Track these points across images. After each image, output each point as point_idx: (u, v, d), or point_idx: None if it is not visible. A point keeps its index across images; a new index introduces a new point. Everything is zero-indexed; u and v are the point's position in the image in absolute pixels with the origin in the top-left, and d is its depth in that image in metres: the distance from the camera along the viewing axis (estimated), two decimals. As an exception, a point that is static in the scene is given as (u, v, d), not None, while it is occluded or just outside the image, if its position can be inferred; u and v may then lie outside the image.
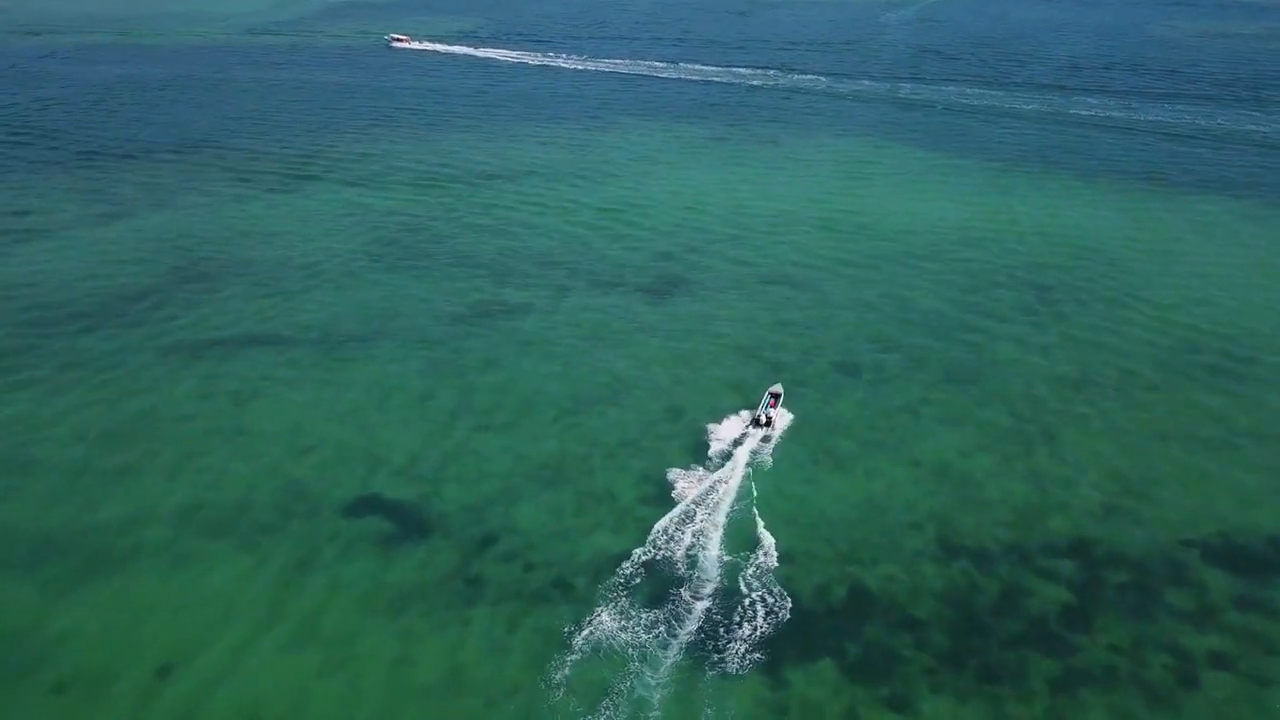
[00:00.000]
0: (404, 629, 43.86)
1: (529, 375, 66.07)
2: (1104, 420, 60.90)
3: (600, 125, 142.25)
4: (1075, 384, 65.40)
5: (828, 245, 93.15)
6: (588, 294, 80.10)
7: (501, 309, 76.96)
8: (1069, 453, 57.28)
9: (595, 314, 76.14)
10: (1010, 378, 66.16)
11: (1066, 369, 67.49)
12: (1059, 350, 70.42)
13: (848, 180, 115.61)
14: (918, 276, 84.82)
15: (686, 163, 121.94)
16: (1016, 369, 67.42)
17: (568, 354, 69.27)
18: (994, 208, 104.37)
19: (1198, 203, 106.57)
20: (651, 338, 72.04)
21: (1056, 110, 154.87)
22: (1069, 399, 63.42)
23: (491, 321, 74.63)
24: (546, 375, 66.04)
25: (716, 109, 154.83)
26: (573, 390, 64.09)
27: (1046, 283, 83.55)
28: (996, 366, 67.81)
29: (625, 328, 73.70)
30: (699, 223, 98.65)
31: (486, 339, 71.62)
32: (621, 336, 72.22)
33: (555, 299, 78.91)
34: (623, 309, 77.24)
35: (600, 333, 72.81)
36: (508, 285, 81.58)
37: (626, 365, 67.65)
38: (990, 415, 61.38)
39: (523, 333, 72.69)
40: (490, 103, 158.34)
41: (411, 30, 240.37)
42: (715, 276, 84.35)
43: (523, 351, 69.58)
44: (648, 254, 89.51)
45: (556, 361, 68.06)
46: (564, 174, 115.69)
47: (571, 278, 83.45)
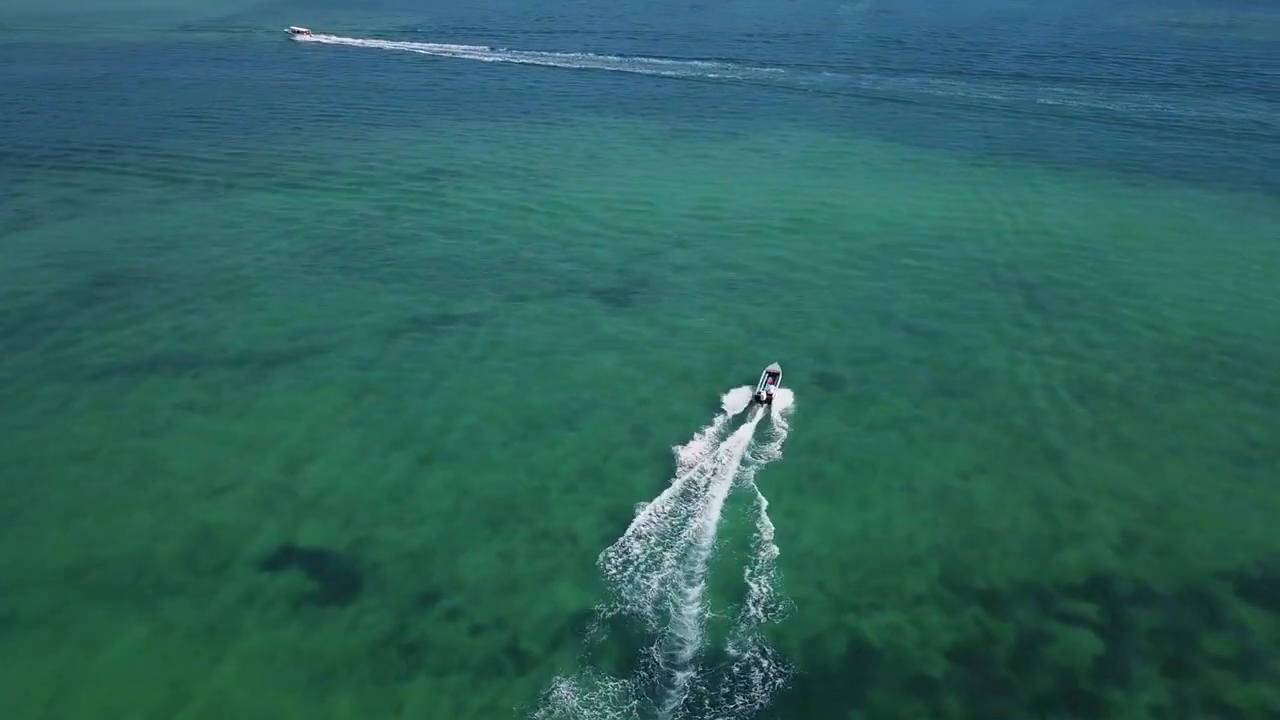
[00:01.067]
0: (328, 713, 37.13)
1: (475, 398, 59.42)
2: (1111, 435, 55.65)
3: (553, 121, 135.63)
4: (1076, 394, 60.16)
5: (798, 244, 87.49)
6: (541, 303, 73.59)
7: (445, 322, 70.15)
8: (1078, 473, 51.88)
9: (549, 325, 69.66)
10: (1005, 388, 60.77)
11: (1065, 377, 62.27)
12: (1054, 356, 65.22)
13: (815, 174, 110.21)
14: (897, 277, 79.40)
15: (645, 159, 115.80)
16: (1011, 378, 62.07)
17: (519, 372, 62.71)
18: (970, 202, 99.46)
19: (1176, 194, 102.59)
20: (612, 351, 65.74)
21: (1023, 100, 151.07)
22: (1071, 411, 58.13)
23: (434, 336, 67.81)
24: (495, 397, 59.42)
25: (674, 103, 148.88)
26: (525, 413, 57.56)
27: (1032, 281, 78.53)
28: (989, 375, 62.41)
29: (583, 340, 67.31)
30: (660, 222, 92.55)
31: (428, 357, 64.82)
32: (579, 350, 65.82)
33: (505, 309, 72.29)
34: (580, 319, 70.84)
35: (555, 346, 66.35)
36: (452, 295, 74.78)
37: (585, 383, 61.30)
38: (988, 431, 55.88)
39: (469, 349, 65.96)
40: (436, 99, 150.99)
41: (355, 26, 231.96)
42: (679, 280, 78.26)
43: (469, 370, 62.88)
44: (606, 257, 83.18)
45: (506, 381, 61.45)
46: (514, 173, 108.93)
47: (523, 285, 76.86)
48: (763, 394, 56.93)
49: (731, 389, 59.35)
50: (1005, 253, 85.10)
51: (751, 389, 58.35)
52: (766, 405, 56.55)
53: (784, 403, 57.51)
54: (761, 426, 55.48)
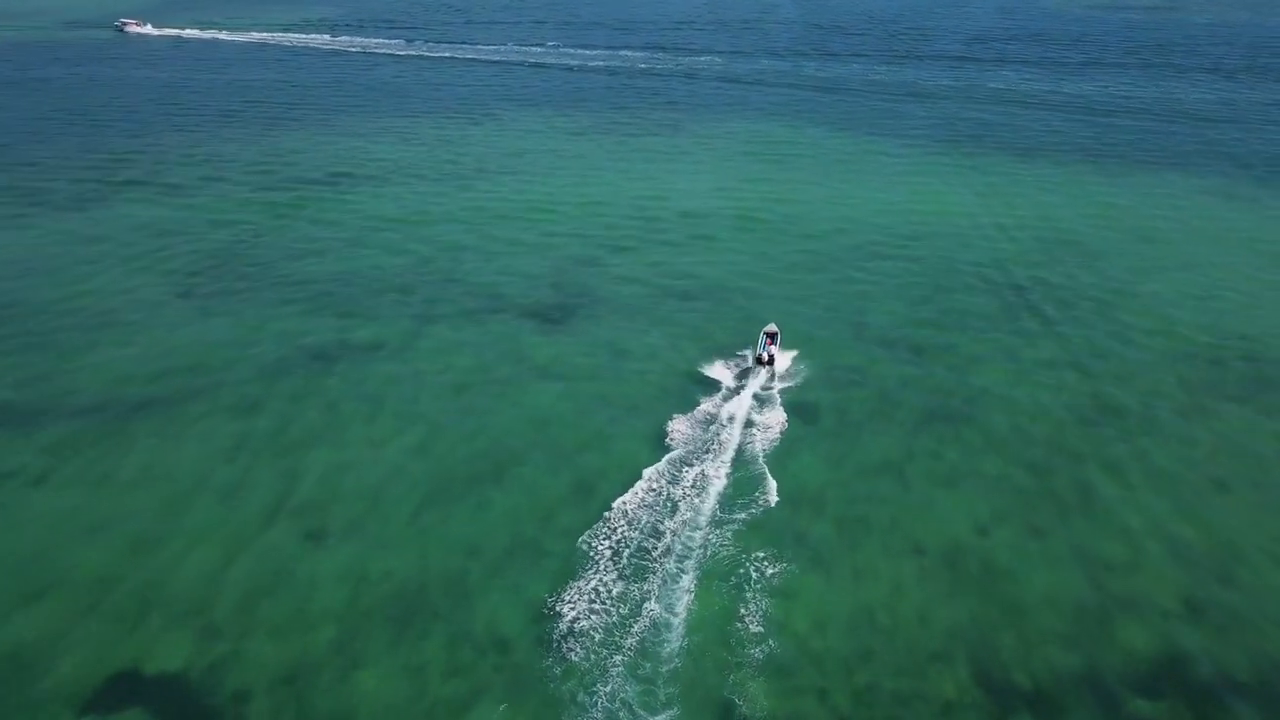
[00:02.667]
0: None
1: (378, 450, 48.84)
2: (1143, 464, 47.23)
3: (473, 117, 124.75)
4: (1093, 414, 51.73)
5: (753, 245, 78.26)
6: (459, 326, 63.13)
7: (345, 352, 59.32)
8: (1115, 518, 43.27)
9: (470, 353, 59.25)
10: (1010, 412, 52.07)
11: (1076, 394, 53.85)
12: (1059, 369, 56.83)
13: (764, 167, 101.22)
14: (867, 281, 70.57)
15: (576, 156, 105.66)
16: (1014, 399, 53.43)
17: (433, 415, 52.24)
18: (938, 194, 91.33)
19: (1153, 179, 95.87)
20: (546, 383, 55.64)
21: (973, 84, 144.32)
22: (1091, 436, 49.62)
23: (331, 371, 56.97)
24: (403, 449, 48.91)
25: (605, 95, 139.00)
26: (440, 469, 47.18)
27: (1019, 281, 70.33)
28: (989, 397, 53.68)
29: (510, 370, 57.08)
30: (596, 226, 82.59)
31: (323, 397, 53.99)
32: (505, 383, 55.58)
33: (416, 335, 61.69)
34: (506, 343, 60.58)
35: (477, 379, 56.01)
36: (355, 318, 63.93)
37: (514, 425, 51.11)
38: (998, 467, 47.04)
39: (371, 386, 55.28)
40: (346, 95, 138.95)
41: (266, 20, 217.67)
42: (621, 292, 68.41)
43: (370, 414, 52.22)
44: (536, 267, 72.95)
45: (417, 427, 50.95)
46: (431, 174, 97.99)
47: (438, 304, 66.30)
48: (763, 355, 55.50)
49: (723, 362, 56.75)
50: (983, 249, 76.90)
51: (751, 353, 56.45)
52: (769, 367, 55.18)
53: (784, 364, 56.01)
54: (738, 470, 45.99)
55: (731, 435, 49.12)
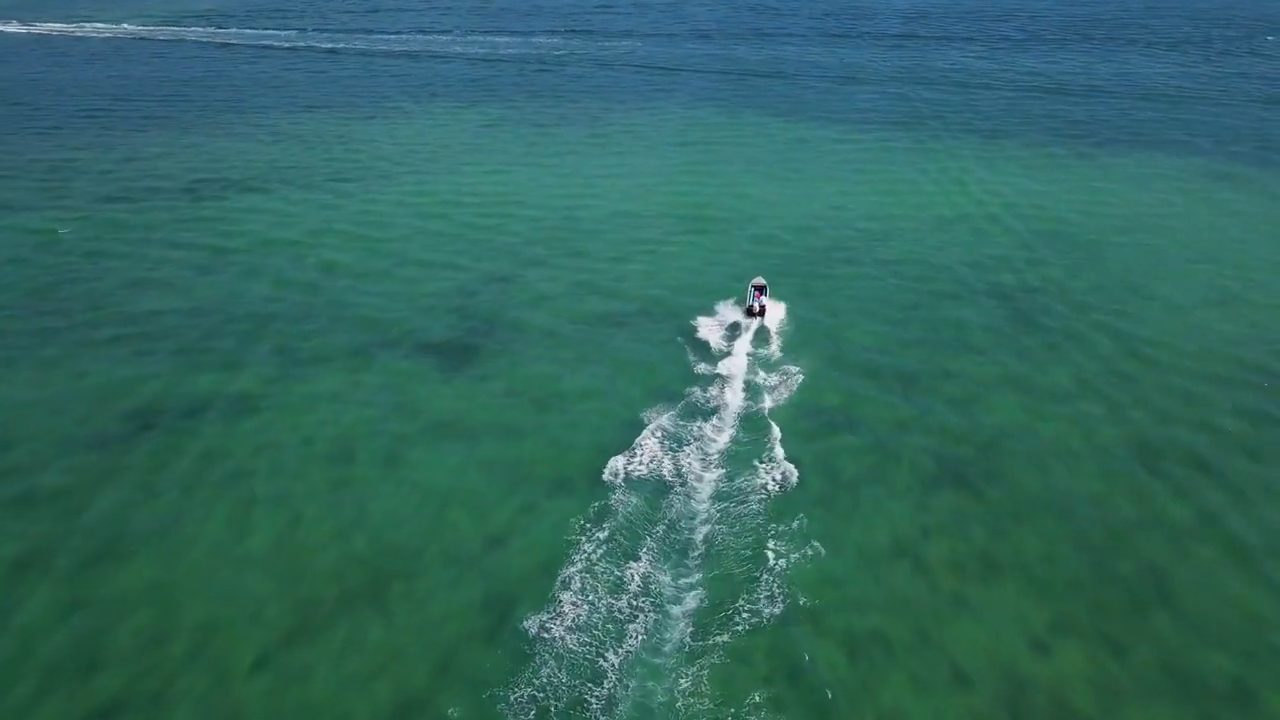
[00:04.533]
0: None
1: (215, 561, 36.27)
2: (1222, 538, 36.99)
3: (368, 112, 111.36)
4: (1138, 462, 41.53)
5: (698, 252, 67.04)
6: (338, 369, 50.61)
7: (186, 412, 46.40)
8: (1206, 620, 32.90)
9: (350, 407, 46.85)
10: (1037, 463, 41.56)
11: (1110, 434, 43.61)
12: (1081, 400, 46.61)
13: (702, 158, 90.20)
14: (837, 293, 59.81)
15: (487, 154, 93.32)
16: (1038, 443, 42.98)
17: (294, 500, 39.81)
18: (903, 184, 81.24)
19: (1136, 160, 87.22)
20: (445, 444, 43.57)
21: (918, 63, 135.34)
22: (1144, 494, 39.36)
23: (163, 439, 44.03)
24: (247, 558, 36.39)
25: (520, 84, 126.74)
26: (299, 586, 34.88)
27: (1012, 286, 60.28)
28: (1008, 443, 43.12)
29: (400, 429, 44.85)
30: (511, 234, 70.54)
31: (146, 479, 41.13)
32: (394, 448, 43.35)
33: (282, 384, 49.03)
34: (397, 391, 48.32)
35: (357, 445, 43.66)
36: (204, 365, 50.95)
37: (403, 510, 39.01)
38: (1039, 546, 36.44)
39: (216, 460, 42.53)
40: (226, 92, 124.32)
41: (143, 12, 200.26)
42: (542, 317, 56.58)
43: (210, 504, 39.54)
44: (437, 289, 60.68)
45: (270, 522, 38.47)
46: (312, 179, 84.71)
47: (312, 342, 53.67)
48: (754, 307, 55.03)
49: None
50: (965, 248, 66.77)
51: None
52: (760, 317, 54.78)
53: (777, 315, 55.53)
54: (695, 575, 34.61)
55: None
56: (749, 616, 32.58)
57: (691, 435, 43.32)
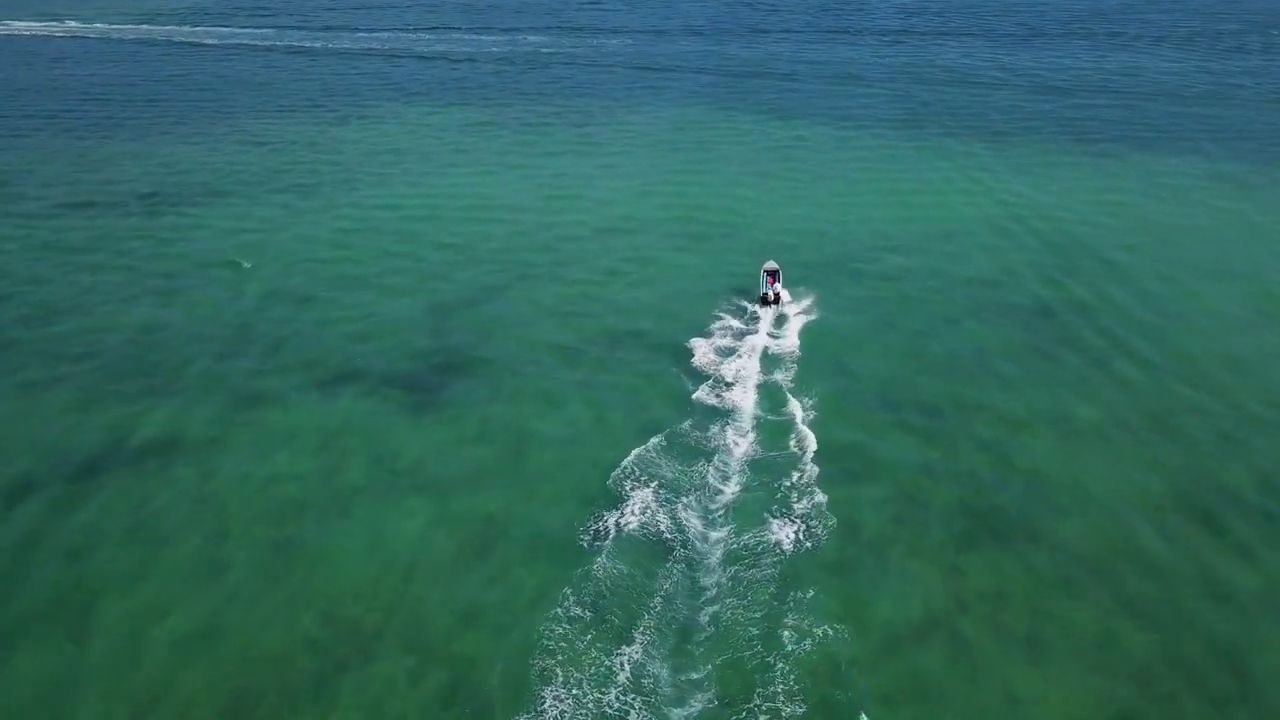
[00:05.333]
0: None
1: (126, 646, 31.16)
2: (1306, 602, 32.20)
3: (343, 115, 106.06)
4: (1199, 520, 36.71)
5: (694, 263, 62.17)
6: (295, 406, 45.52)
7: (108, 459, 41.22)
8: (1304, 714, 28.07)
9: (305, 453, 41.74)
10: (1087, 515, 36.69)
11: (1161, 484, 38.76)
12: (1132, 435, 41.83)
13: (696, 161, 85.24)
14: (848, 309, 54.93)
15: (468, 159, 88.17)
16: (1086, 492, 38.13)
17: (234, 568, 34.71)
18: (911, 189, 76.36)
19: (1150, 162, 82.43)
20: (410, 498, 38.53)
21: (917, 60, 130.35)
22: (1210, 558, 34.53)
23: (76, 495, 38.87)
24: (167, 642, 31.20)
25: (506, 84, 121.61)
26: (231, 679, 29.79)
27: (1037, 301, 55.45)
28: (1050, 491, 38.25)
29: (360, 479, 39.79)
30: (492, 246, 65.56)
31: (52, 545, 35.97)
32: (351, 503, 38.29)
33: (229, 424, 43.91)
34: (359, 432, 43.26)
35: (310, 498, 38.59)
36: (143, 402, 45.80)
37: (359, 580, 33.97)
38: (1097, 623, 31.54)
39: (139, 519, 37.38)
40: (196, 92, 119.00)
41: (123, 10, 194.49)
42: (524, 340, 51.58)
43: (128, 574, 34.41)
44: (410, 311, 55.60)
45: (205, 596, 33.35)
46: (280, 186, 79.51)
47: (268, 373, 48.55)
48: (768, 294, 54.21)
49: None
50: (983, 259, 61.92)
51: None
52: (775, 305, 53.99)
53: (788, 301, 54.72)
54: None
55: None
56: (765, 719, 27.64)
57: (691, 483, 38.38)
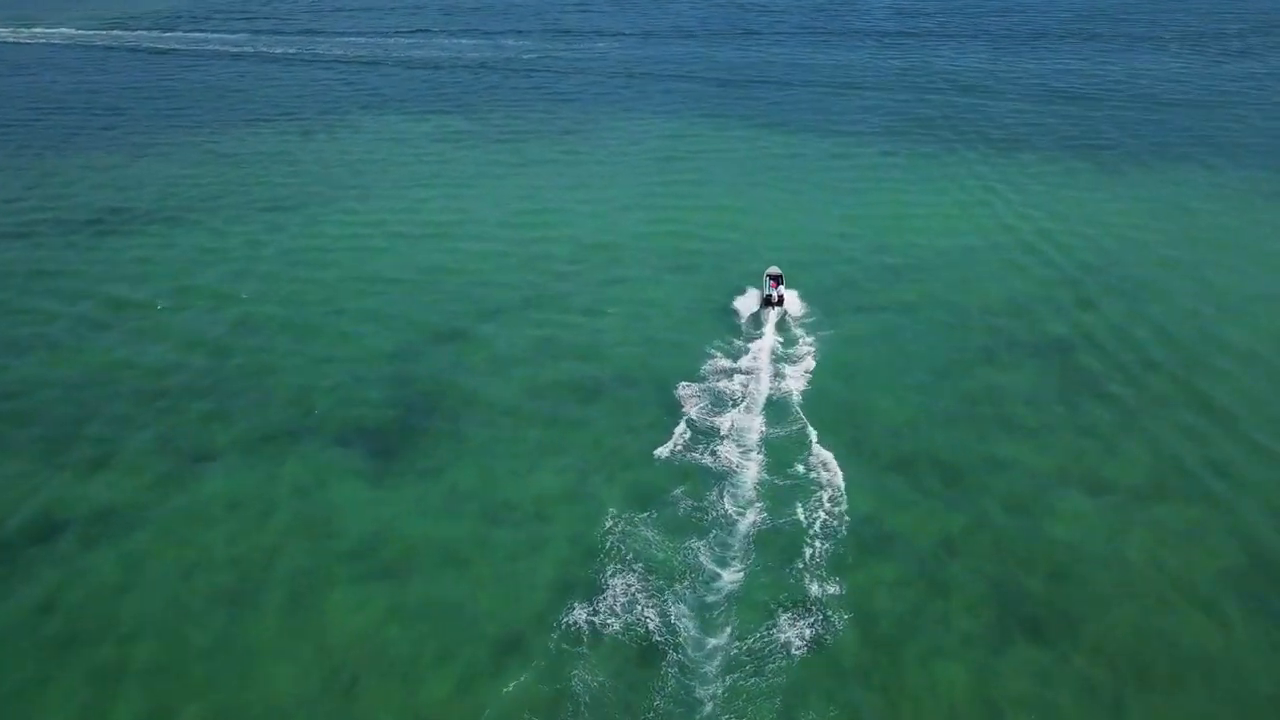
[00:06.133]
0: None
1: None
2: (1392, 712, 28.12)
3: (313, 126, 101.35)
4: (1273, 606, 32.57)
5: (685, 294, 57.96)
6: (239, 467, 41.13)
7: (25, 533, 36.81)
8: None
9: (245, 523, 37.38)
10: (1131, 599, 32.66)
11: (1222, 558, 34.70)
12: (1171, 499, 37.85)
13: (686, 177, 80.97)
14: (850, 347, 50.71)
15: (442, 175, 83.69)
16: (1129, 571, 34.12)
17: (156, 671, 30.32)
18: (909, 207, 72.24)
19: (1168, 175, 78.31)
20: (368, 581, 34.25)
21: (920, 65, 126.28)
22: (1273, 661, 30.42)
23: (0, 581, 34.56)
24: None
25: (484, 93, 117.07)
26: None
27: (1055, 338, 51.31)
28: (1088, 569, 34.19)
29: (309, 557, 35.47)
30: (463, 277, 61.18)
31: (-37, 649, 31.69)
32: (299, 586, 33.98)
33: (164, 490, 39.51)
34: (310, 497, 38.95)
35: (249, 580, 34.27)
36: (68, 464, 41.37)
37: (302, 687, 29.69)
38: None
39: (52, 609, 33.01)
40: (157, 102, 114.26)
41: (91, 14, 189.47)
42: (495, 388, 47.29)
43: (33, 681, 30.03)
44: (369, 352, 51.21)
45: (118, 710, 29.01)
46: (237, 205, 74.82)
47: (212, 428, 44.12)
48: (772, 296, 54.06)
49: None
50: (996, 286, 57.80)
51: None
52: (779, 307, 53.97)
53: (793, 304, 54.62)
54: None
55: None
56: None
57: (683, 567, 34.15)
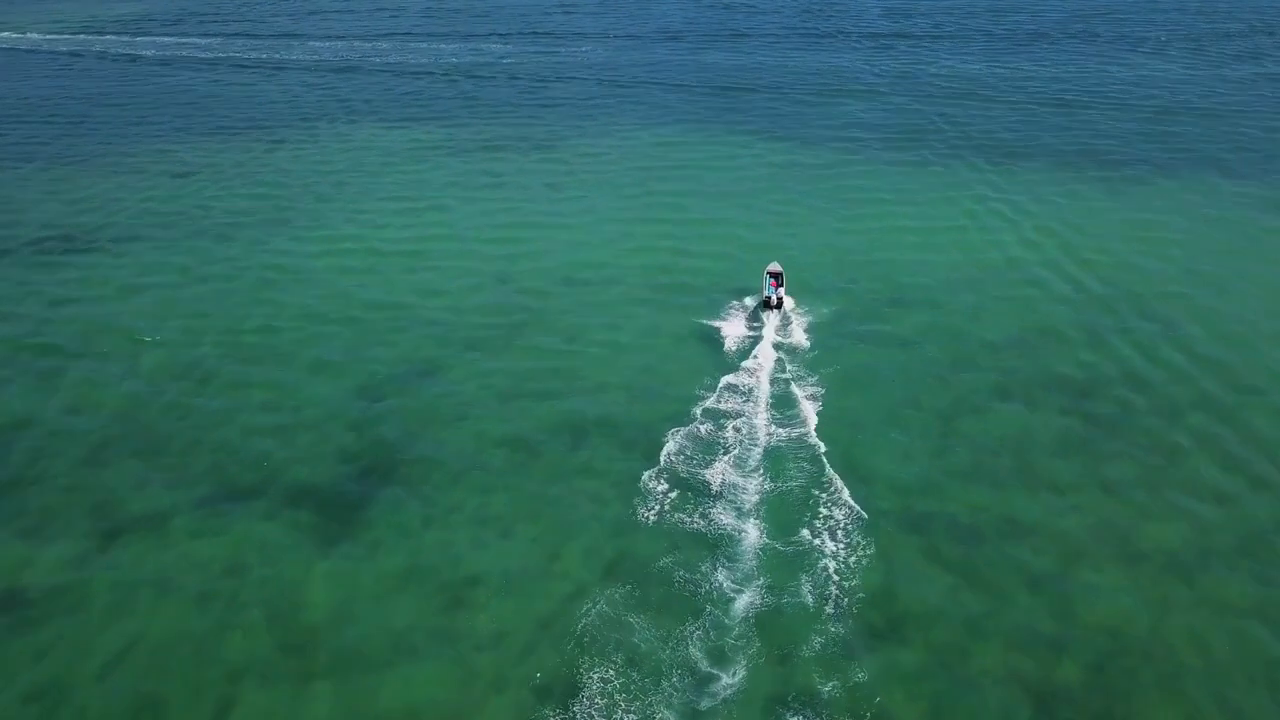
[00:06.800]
0: None
1: None
2: None
3: (279, 137, 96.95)
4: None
5: (673, 326, 53.96)
6: (173, 534, 37.11)
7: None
8: None
9: (176, 606, 33.32)
10: (1186, 698, 28.89)
11: (1267, 652, 30.90)
12: (1218, 569, 34.24)
13: (674, 190, 77.19)
14: (850, 387, 46.87)
15: (414, 189, 79.54)
16: (1176, 658, 30.42)
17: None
18: (912, 224, 68.43)
19: (1184, 189, 74.71)
20: (307, 683, 30.21)
21: (913, 70, 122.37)
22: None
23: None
24: None
25: (460, 101, 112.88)
26: None
27: (1076, 376, 47.58)
28: (1132, 659, 30.44)
29: (248, 652, 31.47)
30: (431, 308, 57.10)
31: None
32: (228, 693, 29.93)
33: (82, 566, 35.47)
34: (248, 576, 34.96)
35: (172, 680, 30.22)
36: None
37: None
38: None
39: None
40: (120, 110, 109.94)
41: (61, 17, 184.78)
42: (466, 440, 43.34)
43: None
44: (329, 398, 47.13)
45: None
46: (191, 228, 70.57)
47: (148, 489, 40.06)
48: (771, 299, 54.18)
49: None
50: (1006, 316, 54.00)
51: None
52: (778, 309, 54.12)
53: (790, 306, 55.07)
54: None
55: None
56: None
57: (671, 660, 30.27)
